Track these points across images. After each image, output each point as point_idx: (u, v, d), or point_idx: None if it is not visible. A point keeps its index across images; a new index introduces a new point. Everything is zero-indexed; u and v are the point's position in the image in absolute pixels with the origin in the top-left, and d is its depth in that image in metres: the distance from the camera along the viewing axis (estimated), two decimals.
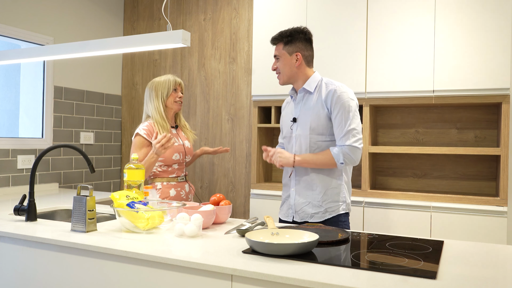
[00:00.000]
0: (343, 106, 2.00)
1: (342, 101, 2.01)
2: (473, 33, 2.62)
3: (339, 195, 2.08)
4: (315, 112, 2.06)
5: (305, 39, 2.10)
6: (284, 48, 2.09)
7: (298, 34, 2.08)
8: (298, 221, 2.10)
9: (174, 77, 2.53)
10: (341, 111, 2.00)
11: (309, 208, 2.08)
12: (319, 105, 2.06)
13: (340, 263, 1.32)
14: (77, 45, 2.14)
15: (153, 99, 2.47)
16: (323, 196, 2.06)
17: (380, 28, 2.83)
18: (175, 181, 2.47)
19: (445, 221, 2.63)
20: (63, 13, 3.59)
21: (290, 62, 2.09)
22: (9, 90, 4.21)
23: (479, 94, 2.62)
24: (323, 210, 2.06)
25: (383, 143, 3.15)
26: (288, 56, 2.09)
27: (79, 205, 1.76)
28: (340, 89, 2.04)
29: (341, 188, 2.08)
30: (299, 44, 2.08)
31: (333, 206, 2.06)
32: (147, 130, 2.40)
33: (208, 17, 3.79)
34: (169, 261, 1.40)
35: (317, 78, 2.11)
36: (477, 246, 1.57)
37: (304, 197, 2.09)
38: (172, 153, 2.43)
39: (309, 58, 2.13)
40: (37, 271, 1.70)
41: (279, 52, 2.11)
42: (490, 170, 2.89)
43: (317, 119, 2.05)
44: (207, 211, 1.80)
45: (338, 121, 2.01)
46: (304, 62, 2.10)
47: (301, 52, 2.09)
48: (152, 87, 2.51)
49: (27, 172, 3.28)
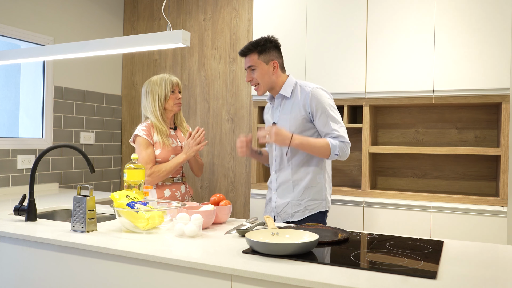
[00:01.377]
0: (324, 107, 2.05)
1: (322, 101, 2.05)
2: (473, 33, 2.62)
3: (319, 193, 2.12)
4: (293, 116, 2.10)
5: (275, 46, 2.13)
6: (259, 58, 2.09)
7: (270, 43, 2.11)
8: (280, 223, 2.10)
9: (170, 76, 2.47)
10: (324, 112, 2.05)
11: (289, 208, 2.14)
12: (296, 108, 2.10)
13: (340, 263, 1.32)
14: (77, 45, 2.13)
15: (149, 102, 2.43)
16: (302, 195, 2.11)
17: (380, 28, 2.83)
18: (170, 182, 2.45)
19: (445, 221, 2.63)
20: (63, 13, 3.59)
21: (268, 70, 2.11)
22: (9, 90, 4.21)
23: (479, 94, 2.62)
24: (302, 208, 2.11)
25: (383, 143, 3.15)
26: (265, 65, 2.10)
27: (79, 205, 1.76)
28: (316, 90, 2.08)
29: (321, 186, 2.12)
30: (273, 52, 2.12)
31: (312, 204, 2.11)
32: (146, 130, 2.39)
33: (208, 17, 3.79)
34: (169, 261, 1.40)
35: (291, 82, 2.15)
36: (477, 246, 1.57)
37: (284, 198, 2.15)
38: (169, 154, 2.41)
39: (282, 64, 2.18)
40: (37, 271, 1.70)
41: (254, 62, 2.10)
42: (490, 170, 2.89)
43: (295, 123, 2.09)
44: (207, 211, 1.80)
45: (323, 121, 2.05)
46: (279, 69, 2.14)
47: (277, 60, 2.12)
48: (148, 88, 2.45)
49: (27, 172, 3.28)
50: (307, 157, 2.11)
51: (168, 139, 2.43)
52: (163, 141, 2.39)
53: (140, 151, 2.37)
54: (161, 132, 2.40)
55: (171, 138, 2.47)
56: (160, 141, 2.39)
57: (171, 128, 2.53)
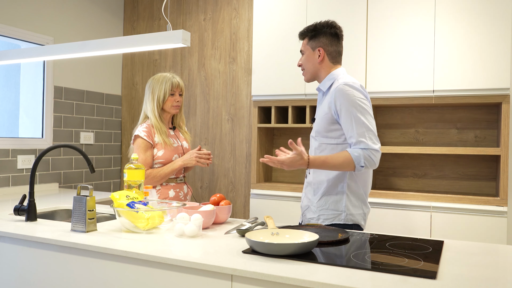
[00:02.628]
0: (348, 106, 1.84)
1: (347, 99, 1.84)
2: (473, 33, 2.62)
3: (338, 204, 1.92)
4: (321, 114, 1.96)
5: (331, 33, 1.97)
6: (308, 43, 2.00)
7: (324, 28, 1.96)
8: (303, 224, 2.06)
9: (173, 77, 2.45)
10: (348, 111, 1.84)
11: (308, 212, 2.03)
12: (325, 106, 1.93)
13: (340, 263, 1.32)
14: (77, 45, 2.13)
15: (150, 101, 2.44)
16: (318, 202, 1.96)
17: (380, 28, 2.83)
18: (174, 182, 2.46)
19: (445, 221, 2.63)
20: (63, 13, 3.59)
21: (312, 57, 1.98)
22: (9, 90, 4.21)
23: (479, 94, 2.62)
24: (316, 216, 1.97)
25: (383, 143, 3.15)
26: (312, 51, 1.99)
27: (79, 205, 1.76)
28: (342, 87, 1.86)
29: (341, 197, 1.92)
30: (323, 39, 1.96)
31: (327, 214, 1.93)
32: (147, 132, 2.39)
33: (208, 17, 3.79)
34: (169, 261, 1.39)
35: (333, 76, 1.96)
36: (477, 246, 1.57)
37: (307, 201, 2.04)
38: (171, 154, 2.42)
39: (334, 54, 1.99)
40: (37, 271, 1.69)
41: (304, 47, 2.02)
42: (490, 170, 2.89)
43: (321, 122, 1.95)
44: (207, 211, 1.80)
45: (348, 122, 1.84)
46: (327, 58, 1.98)
47: (325, 48, 1.97)
48: (150, 85, 2.46)
49: (27, 172, 3.28)
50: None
51: (169, 139, 2.43)
52: (164, 141, 2.39)
53: (138, 153, 2.35)
54: (161, 133, 2.40)
55: (171, 138, 2.47)
56: (161, 141, 2.38)
57: (170, 128, 2.53)
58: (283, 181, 3.41)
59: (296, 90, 3.04)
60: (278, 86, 3.11)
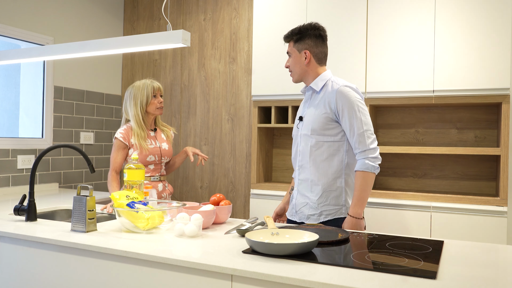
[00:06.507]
0: (350, 107, 1.94)
1: (348, 101, 1.94)
2: (473, 33, 2.62)
3: (338, 198, 2.00)
4: (318, 112, 2.01)
5: (316, 35, 2.03)
6: (294, 46, 2.05)
7: (308, 30, 2.03)
8: (297, 221, 2.09)
9: (152, 82, 2.55)
10: (349, 112, 1.93)
11: (306, 209, 2.05)
12: (321, 105, 2.00)
13: (340, 263, 1.32)
14: (77, 45, 2.14)
15: (132, 106, 2.53)
16: (319, 199, 2.00)
17: (380, 28, 2.83)
18: (147, 180, 2.54)
19: (445, 221, 2.63)
20: (63, 13, 3.59)
21: (299, 59, 2.05)
22: (9, 90, 4.21)
23: (479, 94, 2.62)
24: (318, 213, 2.00)
25: (383, 143, 3.15)
26: (298, 54, 2.05)
27: (79, 205, 1.76)
28: (343, 88, 1.96)
29: (341, 191, 2.00)
30: (309, 41, 2.03)
31: (329, 209, 2.00)
32: (124, 133, 2.51)
33: (208, 17, 3.79)
34: (169, 261, 1.40)
35: (326, 77, 2.05)
36: (477, 246, 1.57)
37: (304, 198, 2.07)
38: (146, 155, 2.50)
39: (320, 55, 2.06)
40: (37, 271, 1.70)
41: (290, 50, 2.08)
42: (490, 170, 2.89)
43: (318, 119, 2.00)
44: (207, 211, 1.80)
45: (349, 122, 1.94)
46: (314, 60, 2.04)
47: (310, 50, 2.03)
48: (131, 93, 2.55)
49: (27, 172, 3.28)
50: (329, 157, 2.00)
51: (146, 142, 2.52)
52: (140, 144, 2.49)
53: (112, 152, 2.53)
54: (139, 136, 2.50)
55: (150, 139, 2.56)
56: (137, 143, 2.49)
57: (152, 129, 2.61)
58: (283, 181, 3.41)
59: (296, 90, 3.04)
60: (278, 86, 3.11)
